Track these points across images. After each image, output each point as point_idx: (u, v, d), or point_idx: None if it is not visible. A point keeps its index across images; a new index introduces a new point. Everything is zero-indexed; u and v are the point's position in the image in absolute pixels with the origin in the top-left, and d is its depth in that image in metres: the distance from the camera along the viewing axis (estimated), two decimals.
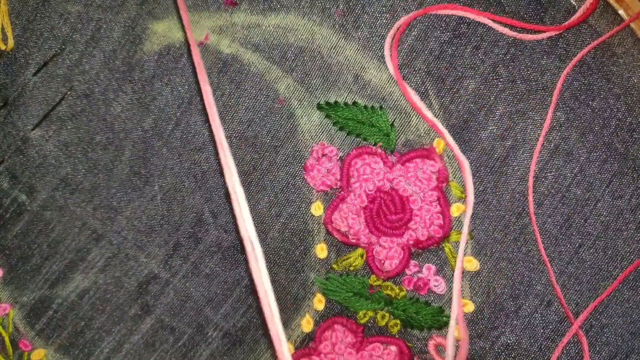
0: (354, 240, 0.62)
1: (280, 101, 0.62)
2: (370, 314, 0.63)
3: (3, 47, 0.63)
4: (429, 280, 0.61)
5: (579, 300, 0.60)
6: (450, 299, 0.62)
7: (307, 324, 0.64)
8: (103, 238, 0.65)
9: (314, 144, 0.62)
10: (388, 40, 0.59)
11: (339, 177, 0.61)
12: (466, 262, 0.61)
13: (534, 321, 0.61)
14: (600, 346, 0.60)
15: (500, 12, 0.58)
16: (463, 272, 0.61)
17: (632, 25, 0.57)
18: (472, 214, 0.61)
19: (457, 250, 0.61)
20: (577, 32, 0.58)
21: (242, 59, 0.61)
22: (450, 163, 0.60)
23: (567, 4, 0.58)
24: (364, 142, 0.61)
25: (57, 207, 0.64)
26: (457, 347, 0.61)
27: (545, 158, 0.59)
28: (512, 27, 0.59)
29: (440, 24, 0.59)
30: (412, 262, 0.62)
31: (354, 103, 0.61)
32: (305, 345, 0.64)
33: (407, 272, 0.62)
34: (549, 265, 0.59)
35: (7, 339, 0.66)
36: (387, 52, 0.60)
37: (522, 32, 0.58)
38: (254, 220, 0.63)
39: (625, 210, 0.59)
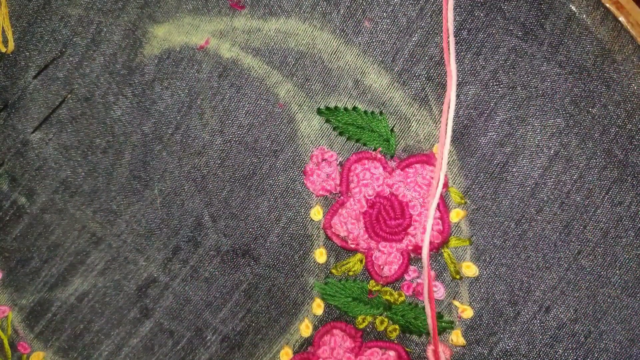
0: (353, 245, 0.62)
1: (280, 106, 0.62)
2: (369, 319, 0.63)
3: (3, 50, 0.63)
4: None
5: (577, 307, 0.60)
6: (450, 304, 0.62)
7: (305, 329, 0.64)
8: (102, 241, 0.65)
9: (314, 148, 0.62)
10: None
11: (338, 182, 0.61)
12: (465, 268, 0.61)
13: (532, 327, 0.61)
14: (599, 353, 0.60)
15: (500, 18, 0.58)
16: (462, 278, 0.61)
17: (633, 32, 0.57)
18: (472, 219, 0.61)
19: (456, 256, 0.61)
20: (578, 39, 0.58)
21: (242, 64, 0.61)
22: (450, 168, 0.60)
23: (568, 10, 0.58)
24: (364, 147, 0.61)
25: (56, 210, 0.64)
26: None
27: (545, 164, 0.59)
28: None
29: (441, 30, 0.59)
30: (412, 267, 0.62)
31: (354, 108, 0.61)
32: (304, 349, 0.64)
33: (406, 277, 0.62)
34: None
35: (5, 342, 0.66)
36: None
37: None
38: (253, 224, 0.63)
39: (624, 217, 0.59)
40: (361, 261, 0.62)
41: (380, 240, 0.61)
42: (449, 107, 0.58)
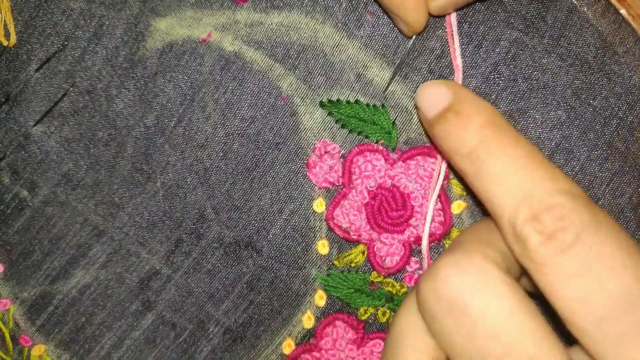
0: (355, 237, 0.62)
1: (282, 99, 0.62)
2: (371, 310, 0.63)
3: (5, 43, 0.63)
4: None
5: None
6: None
7: (308, 320, 0.64)
8: (104, 234, 0.65)
9: (316, 141, 0.62)
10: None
11: (341, 174, 0.62)
12: None
13: None
14: None
15: (502, 11, 0.59)
16: None
17: (634, 24, 0.58)
18: (473, 211, 0.61)
19: None
20: (579, 32, 0.58)
21: (244, 57, 0.62)
22: None
23: (569, 3, 0.58)
24: (366, 139, 0.62)
25: (58, 203, 0.65)
26: None
27: (546, 156, 0.60)
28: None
29: (442, 23, 0.60)
30: (413, 259, 0.62)
31: (356, 101, 0.61)
32: (306, 341, 0.64)
33: (408, 268, 0.62)
34: None
35: (7, 335, 0.66)
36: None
37: None
38: (256, 216, 0.63)
39: (625, 209, 0.59)
40: (363, 253, 0.63)
41: (382, 231, 0.61)
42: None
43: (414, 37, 0.59)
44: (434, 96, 0.52)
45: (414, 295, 0.49)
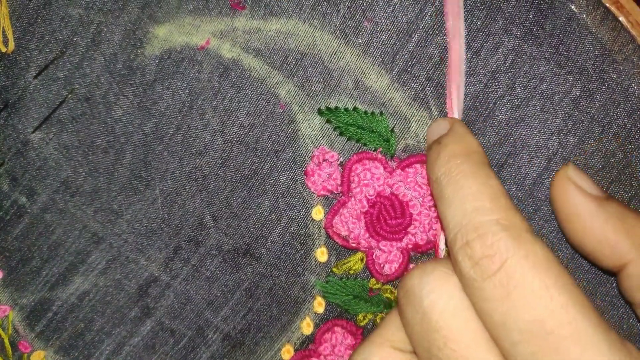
0: (354, 245, 0.62)
1: (281, 106, 0.62)
2: (370, 316, 0.63)
3: (4, 50, 0.63)
4: None
5: None
6: None
7: (307, 327, 0.64)
8: (103, 241, 0.65)
9: (315, 149, 0.62)
10: None
11: (339, 182, 0.62)
12: None
13: None
14: None
15: (500, 18, 0.59)
16: None
17: (633, 32, 0.58)
18: None
19: None
20: (578, 39, 0.58)
21: (243, 64, 0.62)
22: None
23: (568, 10, 0.58)
24: (364, 147, 0.62)
25: (57, 210, 0.65)
26: None
27: (543, 164, 0.60)
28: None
29: (441, 30, 0.60)
30: (412, 265, 0.62)
31: (355, 108, 0.61)
32: (305, 347, 0.65)
33: None
34: None
35: (6, 341, 0.66)
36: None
37: None
38: (255, 224, 0.63)
39: None
40: (362, 260, 0.63)
41: (380, 239, 0.61)
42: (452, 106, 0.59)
43: None
44: (434, 129, 0.57)
45: None
